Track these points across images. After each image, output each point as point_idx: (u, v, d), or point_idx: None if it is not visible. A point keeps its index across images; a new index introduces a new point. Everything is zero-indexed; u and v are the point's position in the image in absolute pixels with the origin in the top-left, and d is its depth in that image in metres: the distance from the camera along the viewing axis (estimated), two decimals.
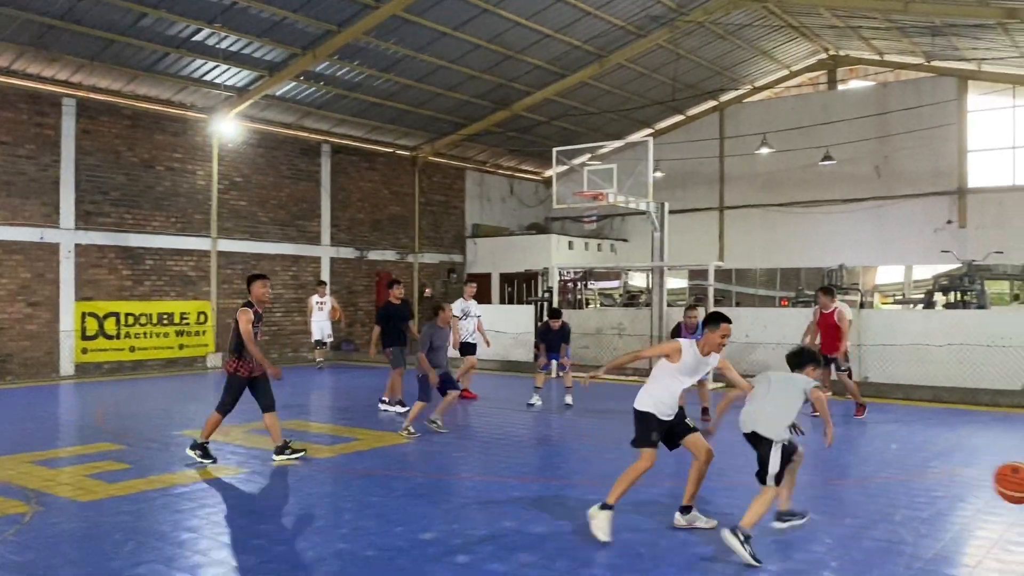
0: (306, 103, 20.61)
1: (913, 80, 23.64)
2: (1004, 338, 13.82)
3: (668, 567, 5.35)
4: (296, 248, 21.51)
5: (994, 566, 5.47)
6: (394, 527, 6.26)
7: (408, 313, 12.85)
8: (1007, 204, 21.97)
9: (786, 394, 5.89)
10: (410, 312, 13.08)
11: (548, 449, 9.87)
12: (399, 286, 12.91)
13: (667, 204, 18.39)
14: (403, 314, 12.61)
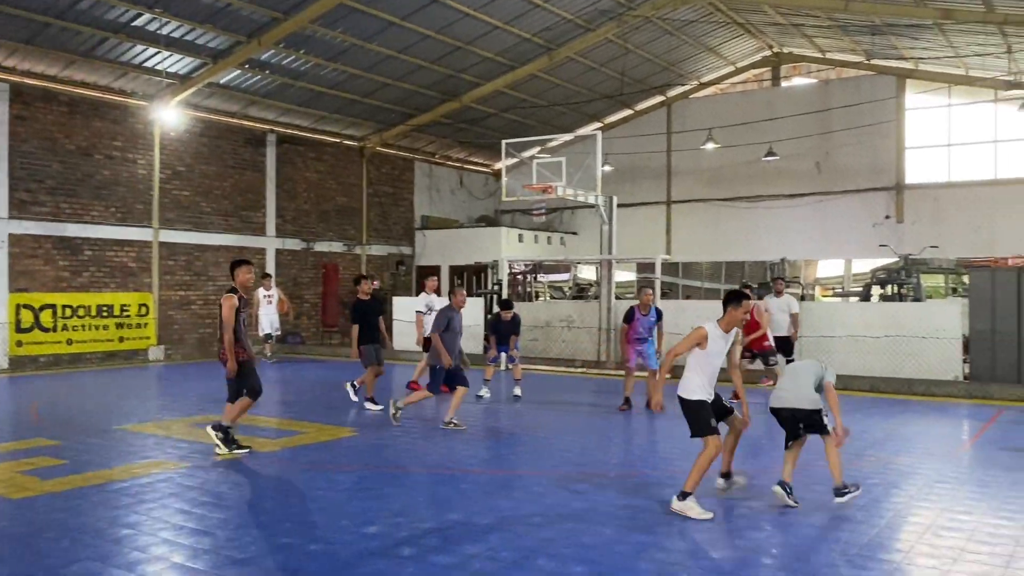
0: (251, 92, 20.25)
1: (853, 78, 24.18)
2: (939, 330, 14.25)
3: (613, 555, 5.41)
4: (241, 239, 21.14)
5: (926, 551, 5.65)
6: (339, 520, 6.21)
7: (379, 308, 12.45)
8: (942, 200, 22.63)
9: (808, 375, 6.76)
10: (381, 307, 12.67)
11: (496, 441, 9.88)
12: (367, 280, 12.50)
13: (615, 198, 18.55)
14: (375, 310, 12.19)
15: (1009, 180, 21.64)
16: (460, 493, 7.15)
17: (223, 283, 20.61)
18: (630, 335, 11.67)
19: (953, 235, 22.13)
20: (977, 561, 5.36)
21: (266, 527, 6.09)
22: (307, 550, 5.55)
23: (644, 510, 6.55)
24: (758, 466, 8.47)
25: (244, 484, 7.43)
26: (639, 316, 11.65)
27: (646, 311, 11.70)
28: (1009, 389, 13.30)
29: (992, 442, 9.67)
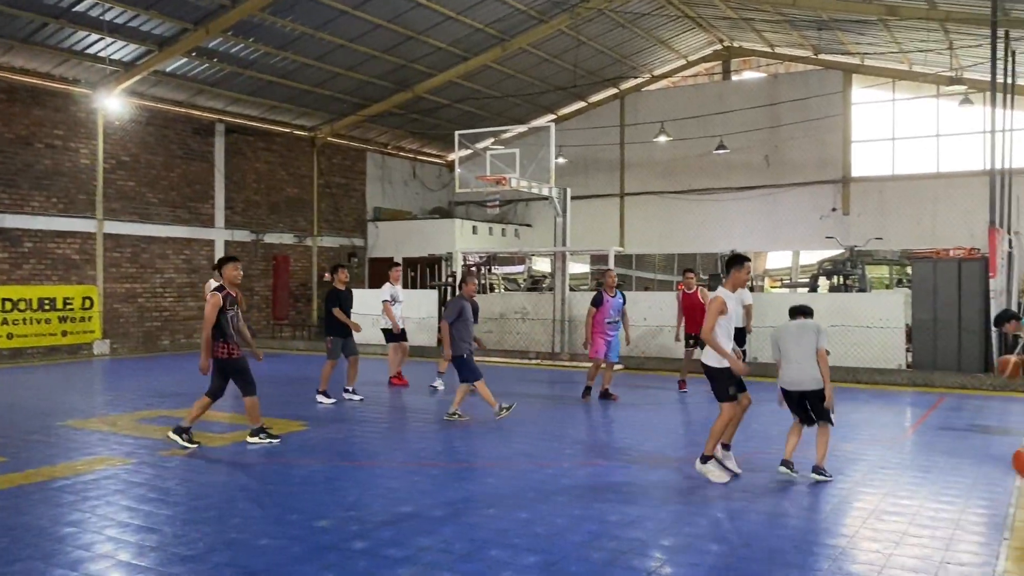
0: (199, 80, 19.84)
1: (801, 73, 24.58)
2: (883, 320, 14.61)
3: (565, 543, 5.44)
4: (188, 231, 20.75)
5: (869, 535, 5.78)
6: (289, 515, 6.14)
7: (352, 298, 12.12)
8: (887, 192, 23.15)
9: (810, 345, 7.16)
10: (352, 298, 12.22)
11: (449, 433, 9.85)
12: (344, 270, 12.00)
13: (569, 190, 18.64)
14: (349, 300, 11.91)
15: (950, 173, 22.21)
16: (413, 486, 7.12)
17: (171, 276, 20.26)
18: (599, 320, 11.55)
19: (897, 227, 22.67)
20: (919, 544, 5.50)
21: (215, 523, 5.99)
22: (257, 545, 5.47)
23: (598, 499, 6.60)
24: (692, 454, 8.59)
25: (192, 480, 7.30)
26: (608, 298, 11.62)
27: (613, 292, 11.70)
28: (950, 376, 13.69)
29: (933, 428, 9.94)
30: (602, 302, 11.59)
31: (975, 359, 13.95)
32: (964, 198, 21.26)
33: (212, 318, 8.34)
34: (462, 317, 9.95)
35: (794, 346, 7.27)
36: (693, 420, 10.94)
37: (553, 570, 4.97)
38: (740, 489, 6.94)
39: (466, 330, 9.97)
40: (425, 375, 14.29)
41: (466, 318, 9.99)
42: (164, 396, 12.37)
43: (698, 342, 12.88)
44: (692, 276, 13.06)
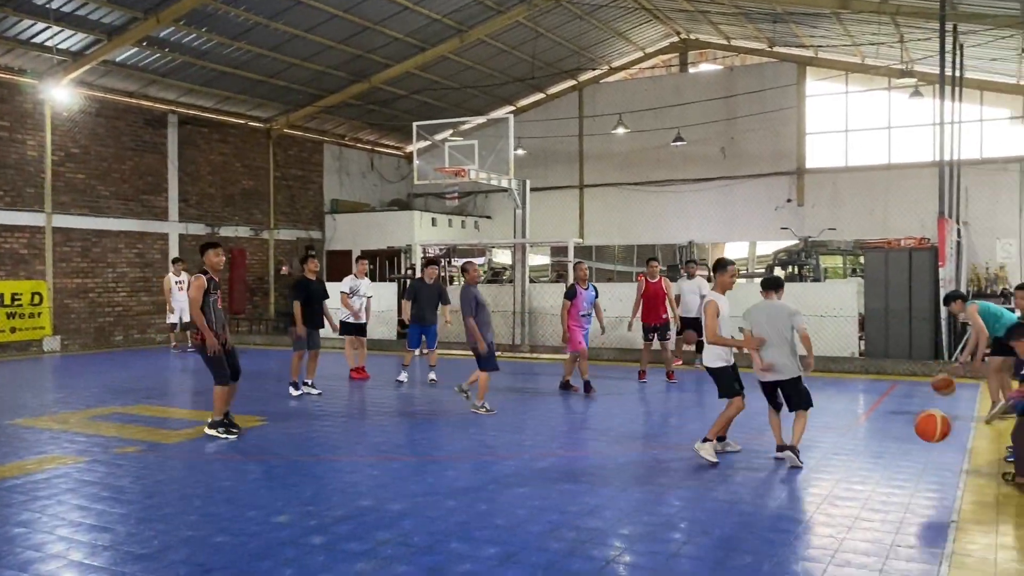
0: (150, 70, 19.44)
1: (757, 65, 24.86)
2: (837, 309, 14.87)
3: (525, 534, 5.45)
4: (141, 224, 20.34)
5: (823, 520, 5.89)
6: (246, 511, 6.07)
7: (325, 291, 11.92)
8: (840, 184, 23.54)
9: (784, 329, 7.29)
10: (325, 289, 12.01)
11: (410, 426, 9.83)
12: (314, 260, 11.93)
13: (528, 181, 18.65)
14: (319, 292, 11.72)
15: (902, 165, 22.65)
16: (372, 479, 7.09)
17: (123, 270, 19.87)
18: (574, 313, 11.54)
19: (850, 218, 23.07)
20: (870, 528, 5.62)
21: (169, 520, 5.90)
22: (213, 542, 5.40)
23: (558, 490, 6.63)
24: (669, 442, 8.68)
25: (147, 477, 7.18)
26: (581, 291, 11.64)
27: (585, 285, 11.74)
28: (902, 364, 13.99)
29: (885, 415, 10.16)
30: (576, 295, 11.60)
31: (926, 347, 14.27)
32: (915, 189, 21.70)
33: (199, 299, 8.47)
34: (479, 304, 9.94)
35: (767, 331, 7.36)
36: (653, 411, 11.05)
37: (513, 561, 4.98)
38: (697, 478, 7.03)
39: (484, 319, 9.95)
40: (386, 369, 14.24)
41: (482, 304, 9.98)
42: (117, 393, 12.14)
43: (659, 334, 12.99)
44: (656, 265, 13.15)
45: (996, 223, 20.90)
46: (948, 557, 5.04)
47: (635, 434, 9.32)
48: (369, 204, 27.58)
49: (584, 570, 4.83)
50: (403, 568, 4.89)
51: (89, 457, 7.87)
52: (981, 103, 21.60)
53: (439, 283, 13.03)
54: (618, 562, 5.02)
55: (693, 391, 12.30)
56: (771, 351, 7.34)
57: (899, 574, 4.79)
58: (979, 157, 21.24)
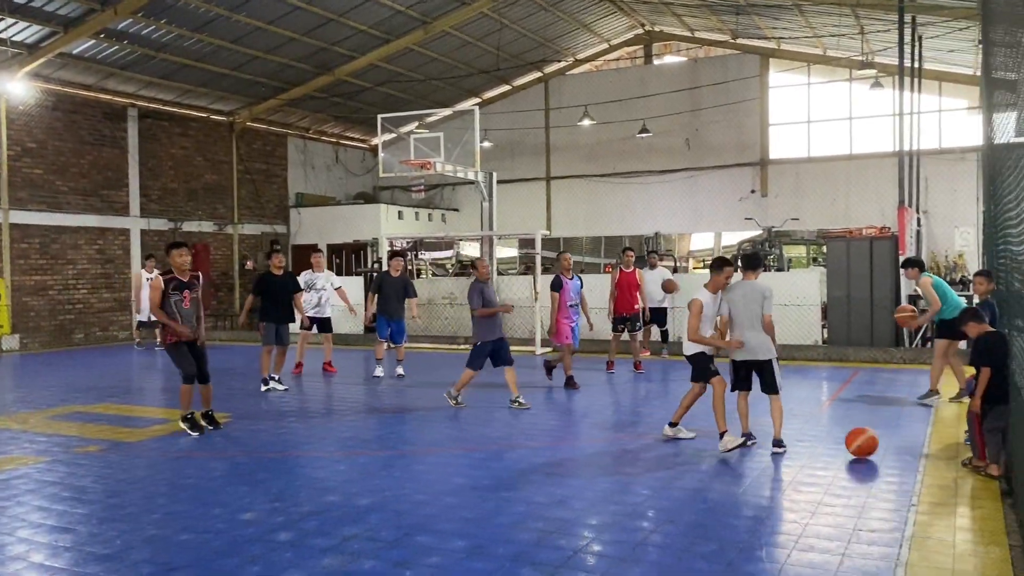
0: (108, 63, 19.08)
1: (721, 57, 25.03)
2: (800, 297, 15.06)
3: (492, 526, 5.46)
4: (101, 220, 19.99)
5: (787, 505, 5.98)
6: (211, 509, 6.01)
7: (294, 285, 11.71)
8: (802, 174, 23.81)
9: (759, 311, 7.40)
10: (296, 283, 11.84)
11: (377, 421, 9.79)
12: (279, 255, 11.75)
13: (495, 174, 18.61)
14: (285, 286, 11.48)
15: (863, 155, 22.95)
16: (339, 475, 7.05)
17: (84, 267, 19.53)
18: (562, 304, 11.38)
19: (813, 208, 23.34)
20: (833, 513, 5.71)
21: (132, 520, 5.82)
22: (177, 540, 5.34)
23: (525, 481, 6.64)
24: (637, 432, 8.74)
25: (109, 477, 7.07)
26: (567, 281, 11.45)
27: (570, 275, 11.57)
28: (863, 351, 14.22)
29: (848, 401, 10.32)
30: (562, 285, 11.40)
31: (887, 334, 14.51)
32: (876, 179, 22.01)
33: (156, 300, 8.53)
34: (486, 301, 9.80)
35: (742, 311, 7.46)
36: (620, 401, 11.11)
37: (480, 553, 4.99)
38: (664, 466, 7.08)
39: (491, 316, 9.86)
40: (354, 363, 14.17)
41: (489, 302, 9.92)
42: (78, 391, 11.95)
43: (630, 325, 13.07)
44: (631, 255, 13.18)
45: (955, 212, 21.27)
46: (908, 540, 5.13)
47: (603, 424, 9.37)
48: (334, 198, 27.37)
49: (552, 560, 4.85)
50: (370, 563, 4.87)
51: (50, 457, 7.73)
52: (940, 94, 21.97)
53: (405, 276, 12.86)
54: (586, 552, 5.05)
55: (660, 381, 12.40)
56: (746, 332, 7.44)
57: (861, 557, 4.87)
58: (938, 147, 21.61)
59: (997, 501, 5.93)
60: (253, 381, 11.87)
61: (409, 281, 12.93)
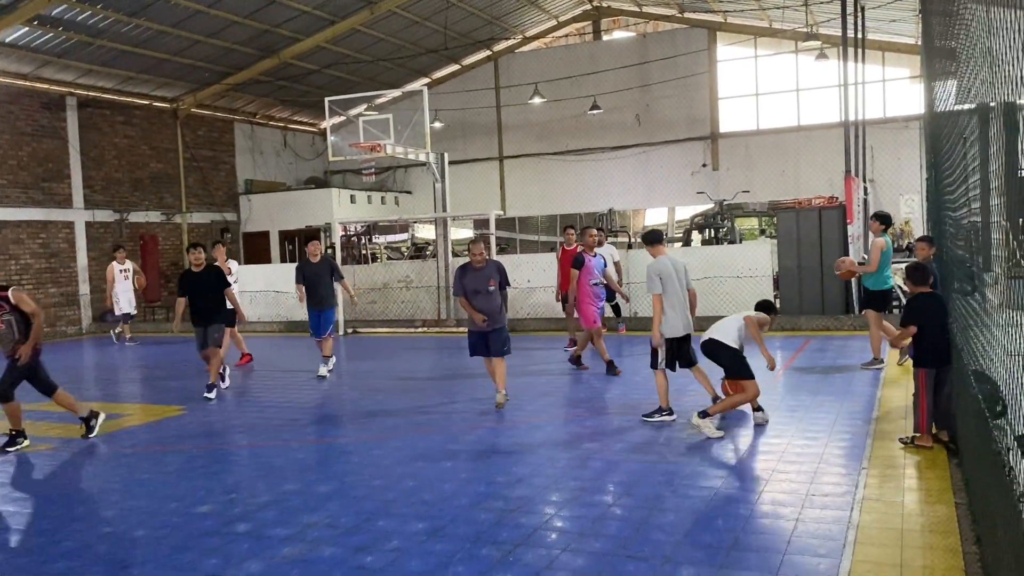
0: (43, 51, 18.49)
1: (669, 31, 25.11)
2: (752, 269, 15.26)
3: (452, 507, 5.46)
4: (44, 213, 19.45)
5: (742, 473, 6.08)
6: (167, 504, 5.92)
7: (214, 281, 10.23)
8: (752, 147, 24.07)
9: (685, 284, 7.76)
10: (219, 279, 10.33)
11: (332, 409, 9.73)
12: (196, 250, 10.54)
13: (447, 155, 18.49)
14: (204, 283, 10.10)
15: (810, 126, 23.27)
16: (297, 464, 6.99)
17: (27, 261, 19.04)
18: (585, 282, 10.45)
19: (763, 180, 23.63)
20: (787, 480, 5.82)
21: (85, 519, 5.71)
22: (133, 537, 5.26)
23: (485, 462, 6.66)
24: (594, 408, 8.80)
25: (59, 476, 6.93)
26: (590, 259, 10.63)
27: (593, 252, 10.77)
28: (815, 319, 14.47)
29: (801, 370, 10.50)
30: (583, 263, 10.53)
31: (837, 302, 14.77)
32: (823, 149, 22.32)
33: None
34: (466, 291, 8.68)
35: (676, 285, 7.59)
36: (580, 378, 11.17)
37: (441, 535, 4.99)
38: (622, 440, 7.15)
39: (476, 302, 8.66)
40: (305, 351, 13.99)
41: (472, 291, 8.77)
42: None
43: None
44: (572, 232, 13.16)
45: (900, 179, 21.70)
46: (859, 502, 5.25)
47: (560, 402, 9.42)
48: (285, 183, 26.98)
49: (512, 538, 4.88)
50: (330, 550, 4.85)
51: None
52: (883, 64, 22.34)
53: (327, 259, 11.57)
54: (546, 528, 5.08)
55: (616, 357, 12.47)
56: (679, 309, 7.59)
57: (814, 522, 4.97)
58: (882, 117, 22.00)
59: (944, 462, 6.09)
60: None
61: (333, 264, 11.60)
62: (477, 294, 8.64)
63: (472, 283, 8.65)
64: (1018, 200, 3.28)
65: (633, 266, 15.40)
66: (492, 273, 8.68)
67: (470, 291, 8.63)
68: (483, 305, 8.64)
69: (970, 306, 5.34)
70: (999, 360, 3.65)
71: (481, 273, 8.64)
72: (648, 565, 4.41)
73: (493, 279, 8.67)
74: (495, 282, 8.66)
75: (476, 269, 8.65)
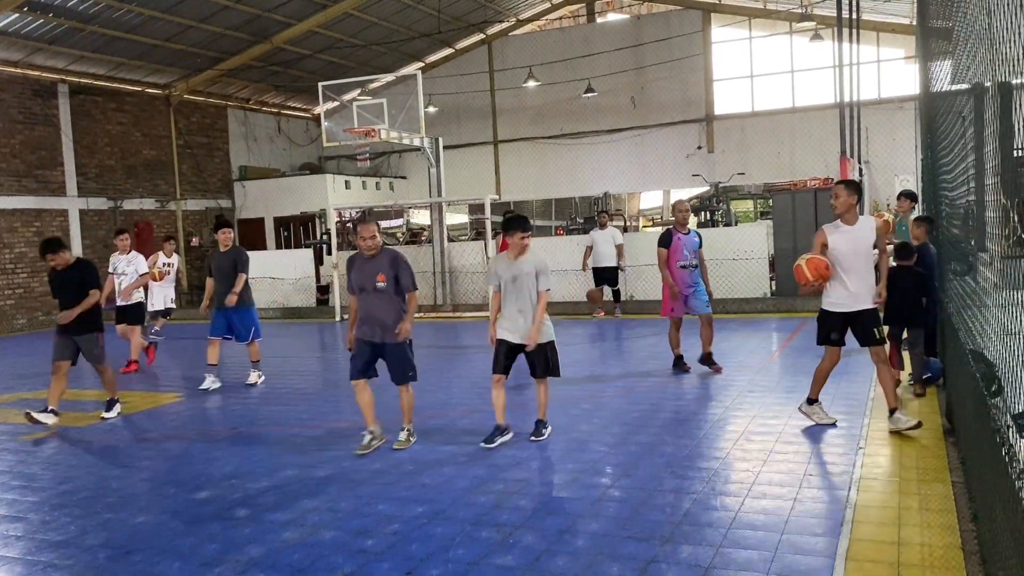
0: (34, 37, 18.34)
1: (663, 13, 24.98)
2: (748, 252, 15.28)
3: (452, 491, 5.48)
4: (37, 201, 19.35)
5: (739, 455, 6.10)
6: (166, 489, 5.94)
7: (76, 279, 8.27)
8: (747, 129, 24.02)
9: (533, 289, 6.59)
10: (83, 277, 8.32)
11: (331, 393, 9.73)
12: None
13: (441, 139, 18.42)
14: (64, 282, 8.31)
15: (805, 108, 23.21)
16: (296, 449, 7.00)
17: (22, 250, 18.96)
18: (672, 265, 9.12)
19: (758, 162, 23.60)
20: (784, 460, 5.85)
21: (86, 505, 5.72)
22: (133, 523, 5.27)
23: (484, 446, 6.67)
24: (590, 390, 8.81)
25: (59, 463, 6.93)
26: (679, 236, 9.16)
27: (685, 229, 9.24)
28: (811, 301, 14.39)
29: (797, 351, 10.55)
30: (671, 241, 9.11)
31: None
32: (818, 131, 22.29)
33: None
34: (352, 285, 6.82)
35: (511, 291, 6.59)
36: (577, 359, 11.19)
37: (441, 518, 5.02)
38: (620, 423, 7.18)
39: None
40: (308, 334, 14.01)
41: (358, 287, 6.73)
42: (23, 378, 11.65)
43: None
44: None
45: (895, 160, 21.69)
46: (856, 481, 5.29)
47: (560, 384, 9.43)
48: (279, 169, 26.87)
49: (512, 521, 4.90)
50: (331, 534, 4.87)
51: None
52: (878, 44, 22.26)
53: (236, 249, 9.93)
54: (545, 510, 5.11)
55: (614, 340, 12.51)
56: (519, 318, 6.57)
57: (812, 501, 5.01)
58: (877, 97, 21.95)
59: (940, 440, 6.13)
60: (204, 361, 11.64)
61: (240, 254, 9.86)
62: (363, 292, 6.67)
63: (359, 278, 6.71)
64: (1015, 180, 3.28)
65: (630, 249, 15.39)
66: (383, 266, 6.62)
67: (357, 288, 6.73)
68: (369, 308, 6.61)
69: (967, 286, 5.36)
70: (996, 339, 3.67)
71: (371, 265, 6.65)
72: (647, 546, 4.44)
73: (383, 274, 6.61)
74: (385, 278, 6.59)
75: (365, 259, 6.72)
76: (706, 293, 9.21)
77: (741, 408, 7.50)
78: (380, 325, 6.61)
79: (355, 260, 6.81)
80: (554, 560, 4.32)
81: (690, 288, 9.12)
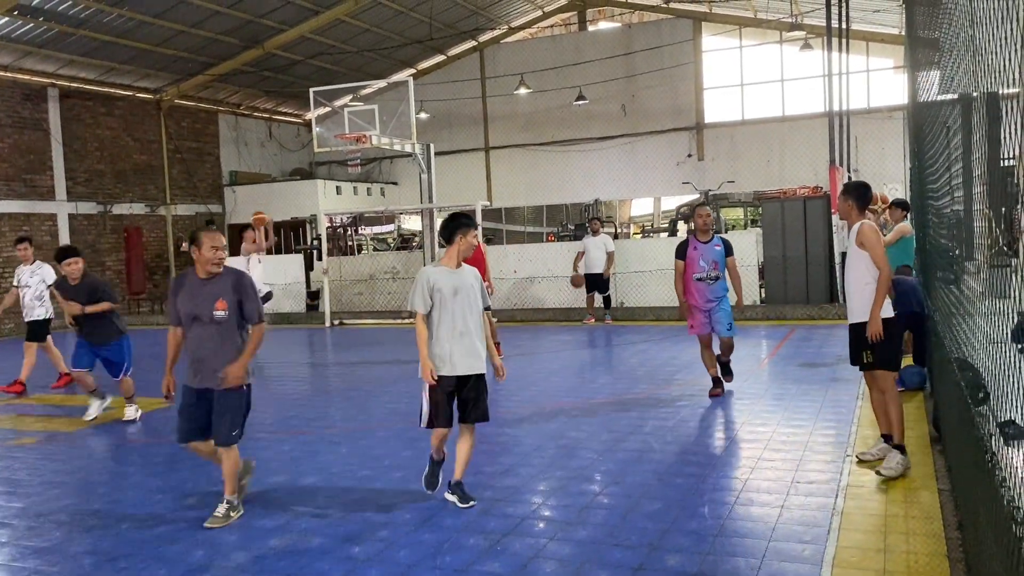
0: (24, 41, 18.29)
1: (654, 22, 25.09)
2: (738, 259, 15.18)
3: (441, 498, 5.47)
4: (26, 205, 19.27)
5: (728, 462, 6.12)
6: (153, 495, 5.91)
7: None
8: (737, 137, 24.12)
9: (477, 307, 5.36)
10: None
11: (322, 401, 9.72)
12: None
13: (433, 145, 18.43)
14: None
15: (795, 116, 23.33)
16: (285, 455, 6.98)
17: (10, 254, 18.82)
18: (688, 277, 8.23)
19: (748, 170, 23.69)
20: (772, 468, 5.87)
21: (71, 511, 5.69)
22: (119, 529, 5.24)
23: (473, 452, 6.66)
24: (579, 397, 8.82)
25: (45, 469, 6.89)
26: (697, 245, 8.22)
27: (706, 237, 8.24)
28: (800, 308, 14.57)
29: (786, 358, 10.58)
30: (686, 252, 8.23)
31: (822, 291, 14.88)
32: (808, 140, 22.40)
33: None
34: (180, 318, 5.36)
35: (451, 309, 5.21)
36: (564, 367, 11.20)
37: (429, 524, 5.01)
38: (609, 430, 7.18)
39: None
40: (292, 344, 13.95)
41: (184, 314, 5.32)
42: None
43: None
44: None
45: (883, 169, 21.80)
46: (844, 489, 5.31)
47: (548, 392, 9.44)
48: (270, 175, 26.82)
49: (500, 528, 4.90)
50: (319, 540, 4.85)
51: None
52: (867, 54, 22.40)
53: (91, 279, 8.71)
54: (534, 517, 5.11)
55: (603, 347, 12.53)
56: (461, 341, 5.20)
57: (799, 508, 5.02)
58: (866, 107, 22.08)
59: (927, 448, 6.16)
60: None
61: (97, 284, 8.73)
62: (195, 323, 5.24)
63: (190, 304, 5.24)
64: (1000, 190, 3.32)
65: (620, 256, 15.43)
66: (224, 290, 5.21)
67: (187, 318, 5.26)
68: (201, 345, 5.24)
69: (952, 294, 5.39)
70: (981, 348, 3.69)
71: (208, 288, 5.22)
72: (634, 553, 4.44)
73: (223, 300, 5.21)
74: (226, 305, 5.19)
75: (200, 281, 5.26)
76: (730, 309, 8.30)
77: (730, 415, 7.52)
78: (215, 368, 5.20)
79: (184, 282, 5.31)
80: (542, 567, 4.32)
81: (711, 303, 8.22)
